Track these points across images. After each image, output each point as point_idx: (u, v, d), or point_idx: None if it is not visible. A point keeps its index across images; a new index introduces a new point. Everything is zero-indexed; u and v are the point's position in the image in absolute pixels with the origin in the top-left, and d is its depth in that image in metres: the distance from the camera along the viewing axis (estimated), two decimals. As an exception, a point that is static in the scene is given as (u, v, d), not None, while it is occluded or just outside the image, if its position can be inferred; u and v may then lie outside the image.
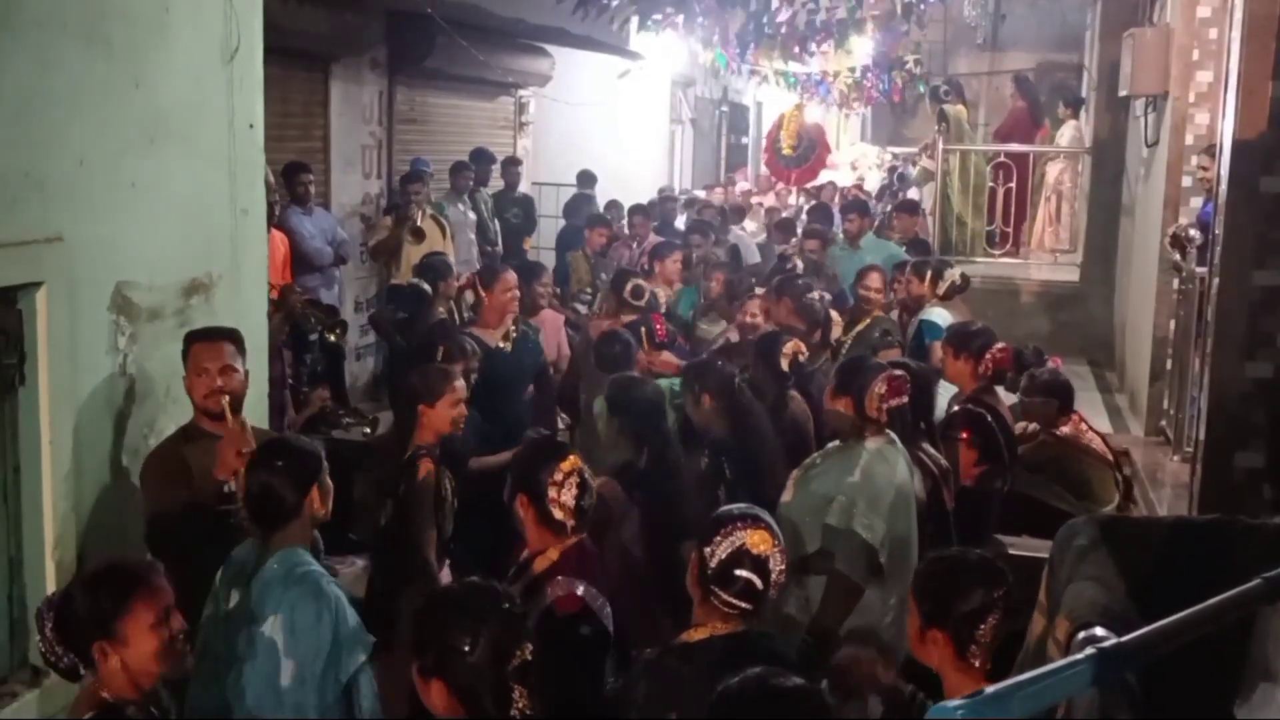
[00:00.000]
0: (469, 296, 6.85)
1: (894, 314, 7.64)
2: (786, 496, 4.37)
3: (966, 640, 2.83)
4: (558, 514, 3.52)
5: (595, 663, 3.47)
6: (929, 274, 7.62)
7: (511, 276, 6.39)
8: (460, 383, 4.79)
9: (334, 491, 6.93)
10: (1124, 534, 2.14)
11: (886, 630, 4.06)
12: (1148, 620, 1.59)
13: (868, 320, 7.21)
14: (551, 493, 3.52)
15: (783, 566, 3.21)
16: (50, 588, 3.96)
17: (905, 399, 4.40)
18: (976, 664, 2.82)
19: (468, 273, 7.74)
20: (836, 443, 4.47)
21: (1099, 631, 1.50)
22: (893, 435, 4.40)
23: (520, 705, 2.48)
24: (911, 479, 4.40)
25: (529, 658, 2.50)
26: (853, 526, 4.11)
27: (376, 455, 5.24)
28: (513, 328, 6.30)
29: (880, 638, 3.94)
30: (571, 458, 3.60)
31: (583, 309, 9.06)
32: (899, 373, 4.45)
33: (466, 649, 2.47)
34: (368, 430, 8.97)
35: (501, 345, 6.15)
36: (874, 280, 7.35)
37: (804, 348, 5.72)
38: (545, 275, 7.65)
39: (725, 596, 3.12)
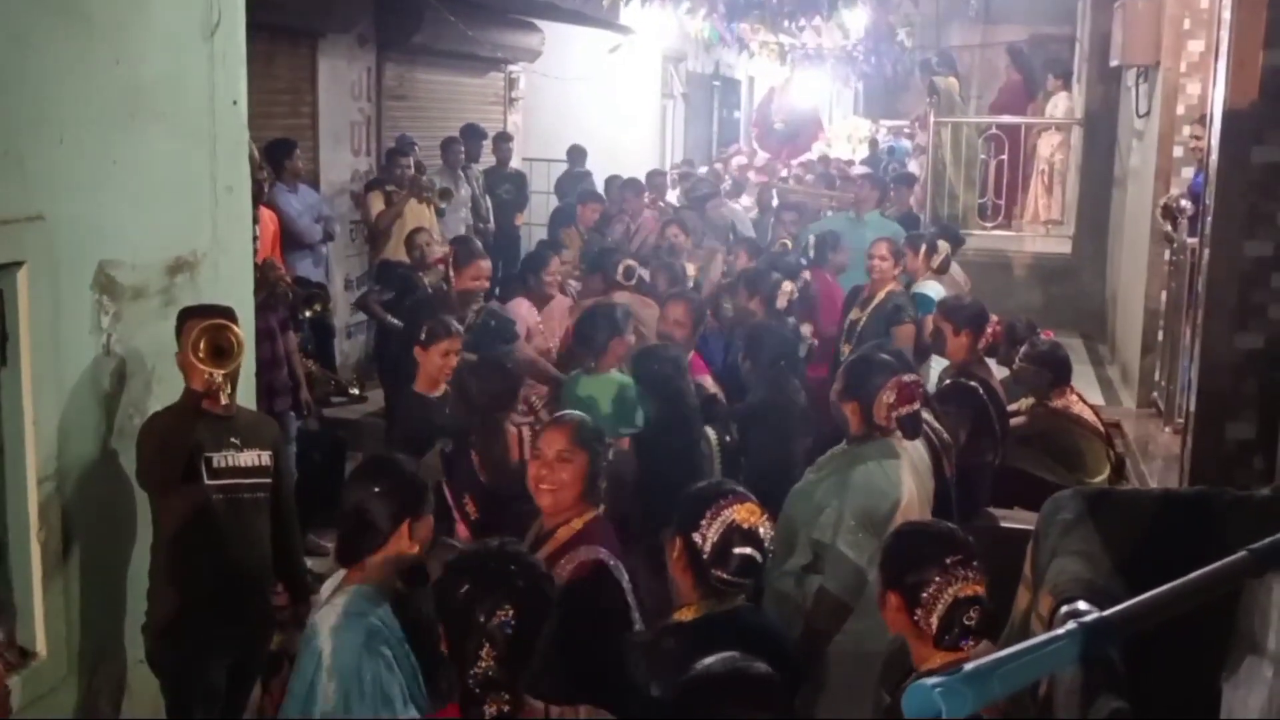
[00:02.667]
0: (439, 270, 6.71)
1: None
2: (797, 488, 4.25)
3: (914, 603, 2.84)
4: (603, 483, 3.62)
5: (616, 631, 3.47)
6: (923, 248, 7.62)
7: (485, 265, 6.35)
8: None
9: (327, 468, 6.88)
10: (1110, 507, 2.13)
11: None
12: (1133, 594, 1.58)
13: (882, 294, 7.19)
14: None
15: (771, 533, 3.20)
16: (36, 570, 3.95)
17: (917, 406, 4.17)
18: (924, 627, 2.83)
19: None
20: (843, 446, 4.26)
21: (1082, 606, 1.49)
22: (900, 437, 4.17)
23: (483, 665, 2.51)
24: (919, 483, 4.18)
25: (509, 621, 2.51)
26: (837, 544, 3.93)
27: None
28: (473, 313, 6.23)
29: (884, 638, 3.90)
30: None
31: (576, 285, 9.03)
32: (910, 378, 4.19)
33: (458, 595, 2.54)
34: (355, 390, 8.96)
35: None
36: (879, 249, 7.33)
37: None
38: (552, 263, 7.49)
39: (725, 575, 3.11)
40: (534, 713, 2.59)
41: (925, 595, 2.81)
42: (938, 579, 2.81)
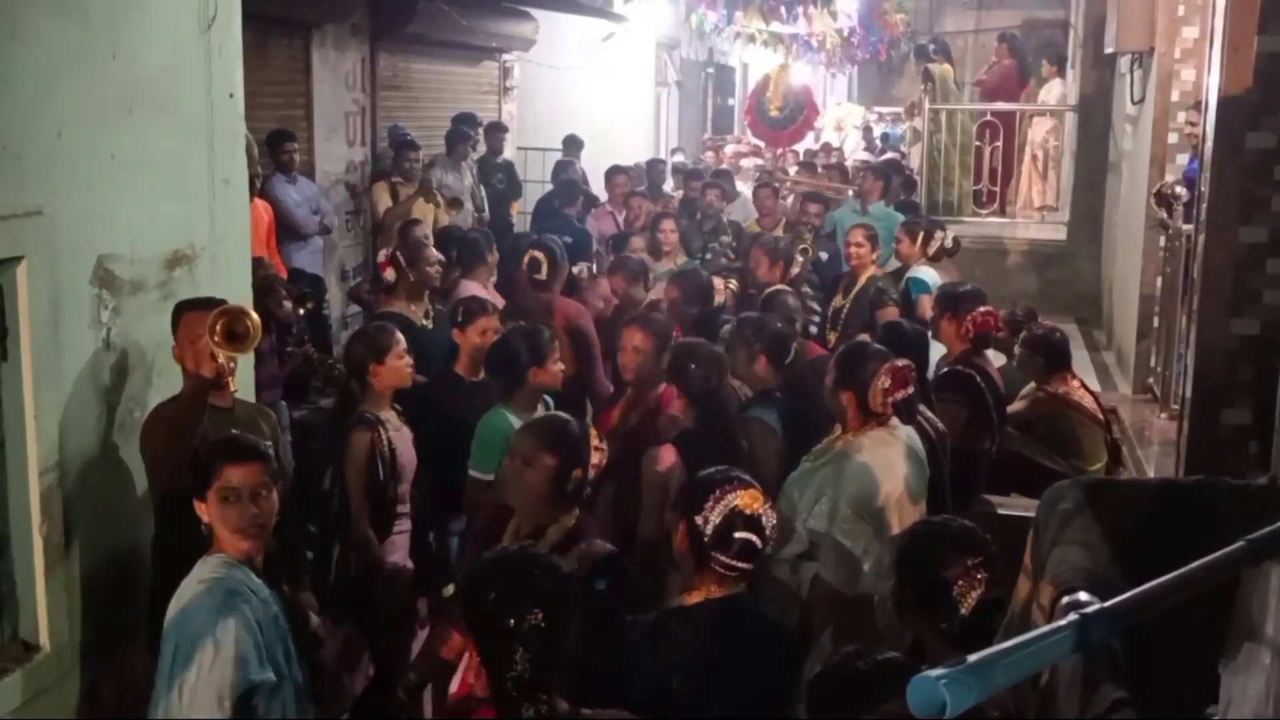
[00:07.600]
0: (389, 274, 6.48)
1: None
2: (793, 476, 4.23)
3: (935, 604, 2.87)
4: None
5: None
6: (921, 235, 7.64)
7: (432, 252, 6.37)
8: (400, 337, 4.82)
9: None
10: (1109, 497, 2.15)
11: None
12: (1133, 583, 1.59)
13: (863, 280, 7.21)
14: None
15: (774, 522, 3.23)
16: (38, 564, 3.96)
17: (911, 390, 4.17)
18: (944, 629, 2.85)
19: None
20: (838, 434, 4.25)
21: (1083, 596, 1.51)
22: (895, 425, 4.18)
23: (519, 669, 2.53)
24: (916, 470, 4.18)
25: (540, 624, 2.54)
26: (832, 533, 3.96)
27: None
28: (429, 305, 6.22)
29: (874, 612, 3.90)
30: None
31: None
32: (902, 363, 4.17)
33: (486, 601, 2.58)
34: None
35: (424, 323, 6.05)
36: (856, 236, 7.39)
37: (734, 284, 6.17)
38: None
39: (726, 559, 3.14)
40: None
41: (949, 597, 2.83)
42: (961, 582, 2.83)
